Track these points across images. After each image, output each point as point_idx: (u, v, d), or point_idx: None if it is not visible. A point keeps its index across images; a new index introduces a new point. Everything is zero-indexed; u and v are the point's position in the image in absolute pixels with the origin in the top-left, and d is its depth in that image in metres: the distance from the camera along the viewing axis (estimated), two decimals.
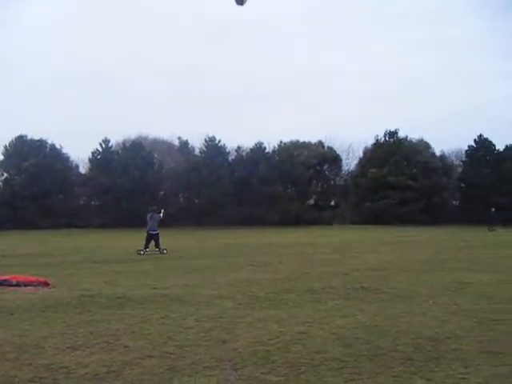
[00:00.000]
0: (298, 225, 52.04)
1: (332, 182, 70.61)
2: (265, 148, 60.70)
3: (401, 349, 8.17)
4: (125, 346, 8.42)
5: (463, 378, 6.81)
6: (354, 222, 57.29)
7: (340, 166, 71.57)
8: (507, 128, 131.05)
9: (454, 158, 75.42)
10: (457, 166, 70.24)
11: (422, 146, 66.57)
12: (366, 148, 68.54)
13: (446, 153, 71.88)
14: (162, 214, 28.64)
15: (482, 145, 63.80)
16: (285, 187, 57.32)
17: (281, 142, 62.45)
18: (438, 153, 68.51)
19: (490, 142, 63.99)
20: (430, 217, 57.84)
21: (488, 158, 62.79)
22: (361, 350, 8.05)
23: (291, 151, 61.88)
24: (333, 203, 68.17)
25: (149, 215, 27.64)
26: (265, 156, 59.44)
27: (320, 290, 13.94)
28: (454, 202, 66.80)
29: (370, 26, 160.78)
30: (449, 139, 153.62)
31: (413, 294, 13.27)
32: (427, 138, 70.69)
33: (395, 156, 60.64)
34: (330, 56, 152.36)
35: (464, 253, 25.41)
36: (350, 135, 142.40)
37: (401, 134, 65.61)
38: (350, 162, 73.27)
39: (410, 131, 67.97)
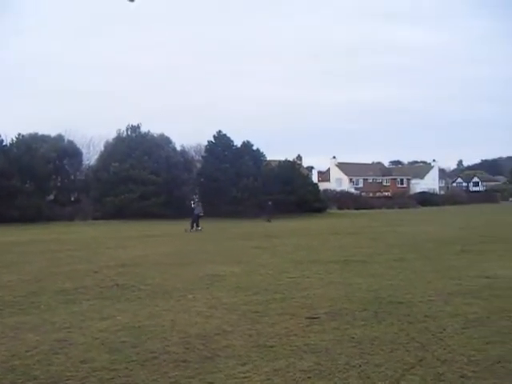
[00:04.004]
0: (38, 221, 49.34)
1: (72, 177, 68.34)
2: (2, 140, 56.82)
3: (172, 350, 7.68)
4: None
5: (245, 377, 6.50)
6: (96, 218, 55.64)
7: (81, 161, 69.59)
8: (244, 125, 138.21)
9: (194, 152, 76.97)
10: (197, 161, 71.62)
11: (164, 141, 66.89)
12: (107, 142, 67.20)
13: (186, 148, 73.22)
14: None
15: (221, 140, 65.59)
16: (24, 182, 53.98)
17: (19, 134, 58.77)
18: (178, 148, 69.45)
19: (229, 138, 66.02)
20: (171, 210, 58.10)
21: (226, 153, 64.69)
22: (130, 356, 7.41)
23: (30, 144, 58.55)
24: (73, 198, 65.98)
25: (195, 204, 43.13)
26: (2, 149, 55.56)
27: (72, 290, 12.99)
28: (195, 196, 67.97)
29: (120, 26, 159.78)
30: (189, 135, 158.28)
31: (170, 289, 12.93)
32: (168, 134, 71.61)
33: (137, 150, 60.15)
34: (74, 48, 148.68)
35: (210, 245, 25.71)
36: (91, 129, 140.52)
37: (143, 129, 65.22)
38: (90, 157, 71.66)
39: (152, 126, 68.07)
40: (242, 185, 60.39)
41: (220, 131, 65.93)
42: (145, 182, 58.31)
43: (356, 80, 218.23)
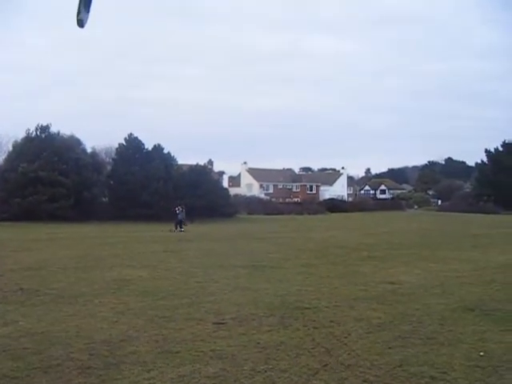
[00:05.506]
0: None
1: None
2: None
3: (76, 357, 7.55)
4: None
5: None
6: (2, 219, 53.85)
7: None
8: (156, 129, 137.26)
9: (104, 155, 75.83)
10: (107, 164, 70.62)
11: (74, 142, 65.62)
12: (16, 142, 65.30)
13: (97, 149, 72.07)
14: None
15: (132, 143, 64.82)
16: None
17: None
18: (89, 149, 68.34)
19: (140, 141, 65.30)
20: (79, 213, 56.97)
21: (137, 156, 63.97)
22: (32, 363, 7.24)
23: None
24: None
25: (179, 209, 44.13)
26: None
27: None
28: (104, 199, 66.84)
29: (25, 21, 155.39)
30: (100, 137, 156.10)
31: (76, 294, 12.70)
32: (79, 135, 70.40)
33: (47, 151, 58.58)
34: None
35: (120, 249, 25.31)
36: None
37: (53, 130, 63.62)
38: None
39: (62, 127, 66.51)
40: (153, 188, 59.77)
41: (131, 134, 65.19)
42: (54, 183, 56.87)
43: (270, 87, 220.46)
